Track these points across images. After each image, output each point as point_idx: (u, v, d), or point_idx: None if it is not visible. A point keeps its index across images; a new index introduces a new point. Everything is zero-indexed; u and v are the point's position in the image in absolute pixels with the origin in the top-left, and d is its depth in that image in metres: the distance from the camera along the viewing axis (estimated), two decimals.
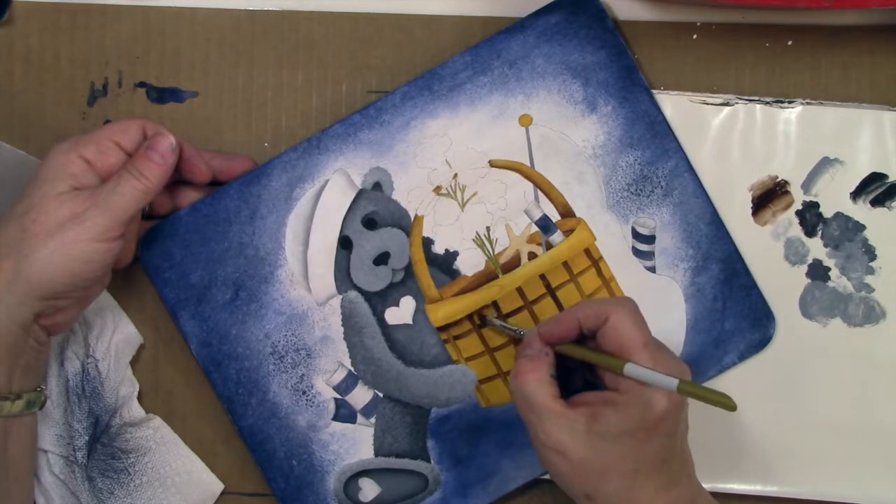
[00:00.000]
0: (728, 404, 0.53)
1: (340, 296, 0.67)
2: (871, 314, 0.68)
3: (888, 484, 0.67)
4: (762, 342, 0.67)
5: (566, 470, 0.57)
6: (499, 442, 0.67)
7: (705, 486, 0.60)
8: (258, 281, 0.67)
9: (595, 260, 0.67)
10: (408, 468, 0.67)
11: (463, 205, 0.67)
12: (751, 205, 0.68)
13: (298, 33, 0.70)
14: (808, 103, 0.68)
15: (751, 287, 0.67)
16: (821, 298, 0.68)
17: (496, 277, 0.67)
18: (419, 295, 0.67)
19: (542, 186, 0.67)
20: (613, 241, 0.67)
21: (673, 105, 0.68)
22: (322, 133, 0.67)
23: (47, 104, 0.70)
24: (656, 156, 0.67)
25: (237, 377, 0.67)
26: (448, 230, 0.67)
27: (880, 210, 0.68)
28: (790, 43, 0.69)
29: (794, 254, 0.68)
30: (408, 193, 0.67)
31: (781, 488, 0.68)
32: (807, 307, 0.68)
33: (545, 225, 0.67)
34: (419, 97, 0.67)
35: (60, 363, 0.68)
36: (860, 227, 0.68)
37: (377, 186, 0.67)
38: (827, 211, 0.68)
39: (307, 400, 0.67)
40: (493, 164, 0.67)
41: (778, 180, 0.68)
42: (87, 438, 0.68)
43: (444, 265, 0.67)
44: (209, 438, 0.70)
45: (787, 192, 0.68)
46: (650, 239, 0.67)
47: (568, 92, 0.67)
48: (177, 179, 0.66)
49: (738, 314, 0.67)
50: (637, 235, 0.67)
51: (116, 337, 0.69)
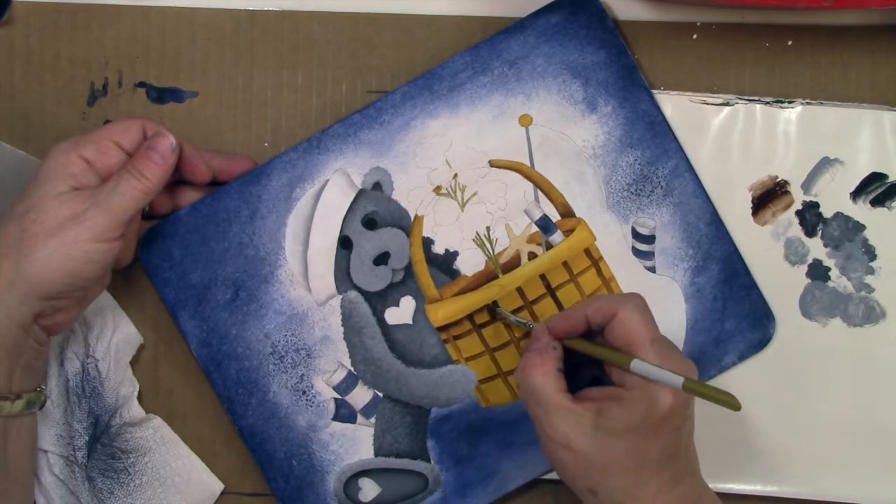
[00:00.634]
0: (732, 404, 0.53)
1: (340, 296, 0.67)
2: (871, 314, 0.68)
3: (888, 484, 0.67)
4: (762, 342, 0.67)
5: (571, 464, 0.57)
6: (499, 442, 0.67)
7: None
8: (258, 281, 0.67)
9: (595, 260, 0.67)
10: (408, 468, 0.67)
11: (463, 205, 0.67)
12: (751, 205, 0.68)
13: (298, 33, 0.70)
14: (808, 103, 0.68)
15: (751, 287, 0.67)
16: (821, 298, 0.68)
17: (496, 277, 0.67)
18: (419, 295, 0.67)
19: (542, 186, 0.67)
20: (613, 241, 0.67)
21: (673, 105, 0.68)
22: (322, 133, 0.67)
23: (47, 104, 0.70)
24: (656, 156, 0.67)
25: (237, 377, 0.67)
26: (448, 230, 0.67)
27: (880, 210, 0.68)
28: (790, 43, 0.69)
29: (794, 254, 0.68)
30: (408, 193, 0.67)
31: (781, 488, 0.68)
32: (807, 307, 0.68)
33: (545, 225, 0.67)
34: (419, 97, 0.67)
35: (60, 363, 0.68)
36: (860, 227, 0.68)
37: (377, 186, 0.67)
38: (827, 211, 0.68)
39: (307, 400, 0.67)
40: (493, 164, 0.67)
41: (778, 180, 0.68)
42: (87, 438, 0.68)
43: (444, 265, 0.67)
44: (209, 438, 0.70)
45: (787, 192, 0.68)
46: (650, 239, 0.67)
47: (568, 92, 0.67)
48: (177, 179, 0.66)
49: (738, 314, 0.67)
50: (637, 235, 0.67)
51: (116, 337, 0.69)
